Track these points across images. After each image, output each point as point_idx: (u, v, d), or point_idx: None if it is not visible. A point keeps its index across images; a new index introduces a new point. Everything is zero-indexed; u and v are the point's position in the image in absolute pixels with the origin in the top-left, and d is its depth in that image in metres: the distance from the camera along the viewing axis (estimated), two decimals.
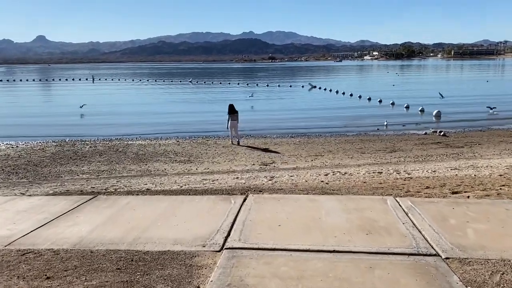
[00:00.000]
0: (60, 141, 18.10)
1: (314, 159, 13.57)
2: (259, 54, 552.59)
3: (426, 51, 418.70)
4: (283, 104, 34.12)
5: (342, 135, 19.07)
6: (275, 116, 26.02)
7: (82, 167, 12.73)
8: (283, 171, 11.20)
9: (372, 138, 18.09)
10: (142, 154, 14.75)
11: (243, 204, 5.93)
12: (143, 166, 12.76)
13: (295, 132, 20.02)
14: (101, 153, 15.12)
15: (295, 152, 14.88)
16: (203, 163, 13.18)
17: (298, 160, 13.56)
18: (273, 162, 13.14)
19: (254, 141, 17.64)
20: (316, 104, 33.37)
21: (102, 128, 22.17)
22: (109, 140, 18.27)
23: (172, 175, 11.04)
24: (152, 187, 9.04)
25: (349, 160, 13.29)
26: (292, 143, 17.00)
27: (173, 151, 15.30)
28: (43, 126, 23.40)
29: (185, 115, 27.51)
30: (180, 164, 13.05)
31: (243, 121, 23.32)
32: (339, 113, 27.53)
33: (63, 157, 14.32)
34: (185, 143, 17.10)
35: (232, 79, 76.34)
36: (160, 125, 23.03)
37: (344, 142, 16.92)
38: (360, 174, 10.26)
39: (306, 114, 27.17)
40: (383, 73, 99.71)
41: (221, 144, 16.80)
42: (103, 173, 11.87)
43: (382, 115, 25.56)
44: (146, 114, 28.28)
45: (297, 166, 12.40)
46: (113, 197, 6.41)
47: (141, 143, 17.37)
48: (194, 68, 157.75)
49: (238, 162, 13.26)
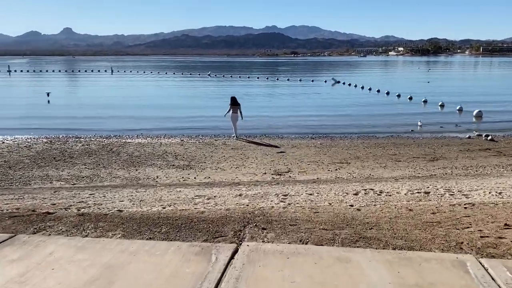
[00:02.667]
0: (52, 137, 16.22)
1: (339, 168, 11.18)
2: (281, 48, 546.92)
3: (453, 48, 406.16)
4: (304, 100, 31.61)
5: (371, 137, 16.55)
6: (294, 114, 23.62)
7: (62, 171, 10.71)
8: (300, 185, 8.88)
9: (406, 141, 15.53)
10: (136, 156, 12.66)
11: (230, 263, 3.66)
12: (132, 172, 10.64)
13: (316, 132, 17.61)
14: (91, 153, 13.12)
15: (315, 158, 12.52)
16: (204, 170, 10.97)
17: (319, 168, 11.20)
18: (289, 171, 10.82)
19: (268, 142, 15.35)
20: (340, 101, 30.74)
21: (104, 123, 20.25)
22: (106, 137, 16.29)
23: (161, 187, 8.87)
24: (126, 207, 6.87)
25: (382, 171, 10.84)
26: (312, 145, 14.63)
27: (173, 153, 13.15)
28: (42, 118, 21.65)
29: (196, 110, 25.36)
30: (177, 171, 10.88)
31: (258, 118, 21.14)
32: (366, 111, 24.89)
33: (46, 158, 12.36)
34: (189, 143, 14.93)
35: (252, 73, 73.96)
36: (167, 120, 20.95)
37: (373, 146, 14.44)
38: (401, 194, 7.85)
39: (328, 111, 24.64)
40: (411, 69, 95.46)
41: (230, 145, 14.56)
42: (82, 180, 9.81)
43: (415, 114, 22.84)
44: (154, 108, 26.29)
45: (318, 177, 10.05)
46: (36, 240, 4.27)
47: (140, 141, 15.31)
48: (215, 62, 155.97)
49: (246, 170, 11.00)
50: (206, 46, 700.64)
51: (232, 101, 16.57)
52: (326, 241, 4.71)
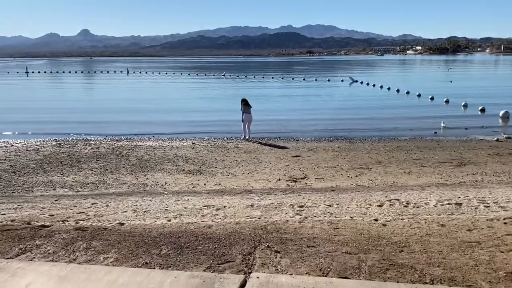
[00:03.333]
0: (62, 139, 15.87)
1: (360, 174, 10.44)
2: (297, 48, 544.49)
3: (473, 46, 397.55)
4: (320, 100, 30.80)
5: (393, 139, 15.72)
6: (310, 115, 22.85)
7: (67, 177, 10.25)
8: (318, 193, 8.20)
9: (430, 144, 14.66)
10: (146, 160, 12.14)
11: None
12: (140, 178, 10.11)
13: (334, 135, 16.85)
14: (100, 156, 12.66)
15: (333, 162, 11.80)
16: (215, 175, 10.37)
17: (337, 174, 10.48)
18: (305, 177, 10.14)
19: (283, 145, 14.68)
20: (358, 101, 29.83)
21: (116, 125, 19.87)
22: (117, 139, 15.86)
23: (169, 195, 8.29)
24: (128, 220, 6.31)
25: (406, 178, 10.07)
26: (330, 148, 13.90)
27: (184, 157, 12.60)
28: (54, 123, 21.39)
29: (209, 112, 24.85)
30: (186, 176, 10.31)
31: (273, 120, 20.48)
32: (386, 111, 23.98)
33: (53, 162, 11.93)
34: (201, 146, 14.37)
35: (267, 73, 73.27)
36: (179, 123, 20.43)
37: (396, 150, 13.63)
38: (430, 205, 7.09)
39: (346, 112, 23.82)
40: (431, 68, 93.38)
41: (242, 149, 13.93)
42: (87, 187, 9.31)
43: (437, 115, 21.87)
44: (167, 110, 25.86)
45: (336, 185, 9.34)
46: (15, 267, 3.69)
47: (151, 144, 14.81)
48: (230, 62, 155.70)
49: (259, 175, 10.36)
50: (222, 46, 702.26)
51: (245, 102, 16.06)
52: (350, 270, 4.04)
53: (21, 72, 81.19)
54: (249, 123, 15.88)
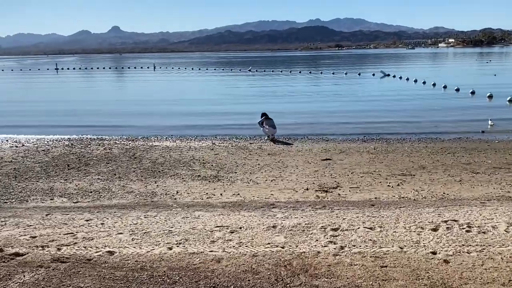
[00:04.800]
0: (76, 138, 15.01)
1: (401, 183, 8.95)
2: (325, 42, 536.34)
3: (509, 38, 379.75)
4: (351, 95, 29.04)
5: (434, 140, 14.04)
6: (341, 111, 21.24)
7: (70, 183, 9.23)
8: (354, 209, 6.80)
9: (479, 145, 12.92)
10: (160, 163, 11.02)
11: None
12: (149, 185, 8.97)
13: (368, 133, 15.31)
14: (111, 159, 11.64)
15: (370, 167, 10.32)
16: (234, 183, 9.12)
17: (375, 182, 9.02)
18: (337, 186, 8.73)
19: (311, 146, 13.28)
20: (392, 96, 27.91)
21: (135, 122, 18.96)
22: (133, 139, 14.85)
23: (178, 209, 7.09)
24: (120, 246, 5.14)
25: (458, 187, 8.50)
26: (364, 150, 12.40)
27: (201, 160, 11.40)
28: (72, 118, 20.70)
29: (232, 108, 23.64)
30: (202, 184, 9.10)
31: (300, 117, 19.06)
32: (423, 107, 22.10)
33: (60, 165, 10.98)
34: (221, 147, 13.14)
35: (295, 67, 71.50)
36: (199, 121, 19.29)
37: (440, 152, 11.99)
38: (500, 230, 5.59)
39: (380, 109, 22.06)
40: (467, 61, 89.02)
41: (266, 150, 12.61)
42: (88, 196, 8.24)
43: (482, 112, 19.88)
44: (187, 107, 24.80)
45: (375, 197, 7.90)
46: None
47: (168, 145, 13.72)
48: (257, 57, 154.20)
49: (284, 183, 9.02)
50: (249, 41, 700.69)
51: (265, 116, 14.82)
52: None
53: (51, 69, 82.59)
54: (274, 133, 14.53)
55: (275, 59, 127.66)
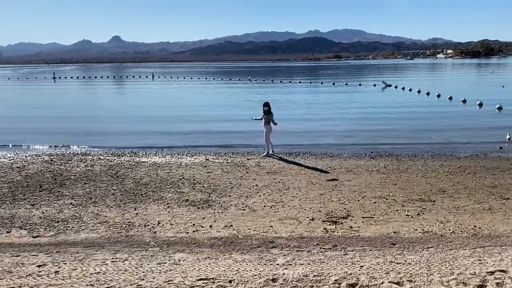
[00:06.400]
0: (57, 154, 13.73)
1: (422, 211, 7.67)
2: (324, 52, 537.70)
3: (507, 49, 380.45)
4: (354, 107, 27.76)
5: (449, 156, 12.78)
6: (345, 125, 19.98)
7: (37, 210, 7.95)
8: (372, 250, 5.53)
9: (500, 164, 11.66)
10: (144, 184, 9.74)
11: None
12: (128, 213, 7.68)
13: (376, 149, 14.08)
14: (90, 178, 10.35)
15: (382, 190, 9.05)
16: (227, 210, 7.84)
17: (391, 210, 7.74)
18: (348, 215, 7.45)
19: (315, 162, 12.03)
20: (395, 107, 26.73)
21: (125, 135, 17.70)
22: (119, 153, 13.59)
23: (155, 249, 5.81)
24: None
25: (490, 218, 7.23)
26: (374, 168, 11.13)
27: (191, 179, 10.13)
28: (61, 132, 19.41)
29: (228, 119, 22.39)
30: (189, 210, 7.82)
31: (301, 130, 17.80)
32: (431, 120, 20.86)
33: (31, 185, 9.70)
34: (215, 164, 11.87)
35: (295, 77, 70.51)
36: (194, 133, 18.01)
37: (458, 171, 10.72)
38: None
39: (385, 121, 20.82)
40: (469, 71, 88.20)
41: (265, 168, 11.34)
42: (53, 228, 6.95)
43: (494, 125, 18.71)
44: (182, 118, 23.50)
45: (395, 231, 6.62)
46: None
47: (156, 160, 12.44)
48: (256, 67, 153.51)
49: (285, 210, 7.75)
50: (249, 52, 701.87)
51: (268, 107, 13.01)
52: None
53: (49, 78, 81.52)
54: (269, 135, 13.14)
55: (274, 69, 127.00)
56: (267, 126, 12.99)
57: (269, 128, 13.03)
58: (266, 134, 13.00)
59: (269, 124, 13.00)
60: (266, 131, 13.00)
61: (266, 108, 12.99)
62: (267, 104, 13.05)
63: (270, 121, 13.00)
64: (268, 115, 12.97)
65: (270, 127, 13.06)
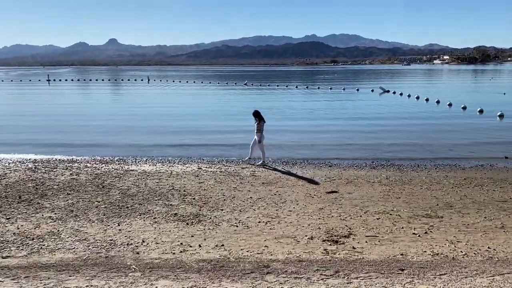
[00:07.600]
0: (42, 160, 13.07)
1: (429, 229, 7.09)
2: (321, 57, 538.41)
3: (503, 55, 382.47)
4: (353, 113, 27.20)
5: (453, 167, 12.24)
6: (343, 132, 19.40)
7: (12, 224, 7.31)
8: (378, 277, 4.95)
9: (507, 175, 11.14)
10: (131, 195, 9.12)
11: None
12: (110, 229, 7.06)
13: (376, 158, 13.52)
14: (74, 188, 9.72)
15: (386, 204, 8.47)
16: (218, 226, 7.22)
17: (396, 227, 7.16)
18: (350, 233, 6.86)
19: (313, 172, 11.45)
20: (395, 114, 26.23)
21: (114, 140, 17.06)
22: (107, 161, 12.95)
23: (137, 273, 5.19)
24: None
25: (504, 238, 6.67)
26: (376, 180, 10.55)
27: (182, 190, 9.52)
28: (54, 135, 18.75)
29: (223, 125, 21.78)
30: (177, 227, 7.20)
31: (298, 138, 17.21)
32: (432, 128, 20.37)
33: (10, 196, 9.05)
34: (208, 173, 11.26)
35: (291, 82, 70.07)
36: (185, 140, 17.40)
37: (464, 184, 10.17)
38: None
39: (385, 128, 20.25)
40: (466, 77, 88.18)
41: (260, 178, 10.74)
42: (26, 246, 6.31)
43: (496, 133, 18.23)
44: (175, 123, 22.90)
45: (402, 252, 6.04)
46: None
47: (145, 169, 11.81)
48: (253, 71, 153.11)
49: (282, 228, 7.14)
50: (245, 56, 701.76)
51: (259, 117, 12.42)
52: None
53: (43, 80, 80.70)
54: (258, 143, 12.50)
55: (271, 73, 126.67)
56: (258, 134, 12.37)
57: (260, 136, 12.37)
58: (256, 141, 12.37)
59: (260, 132, 12.36)
60: (256, 139, 12.37)
61: (256, 118, 12.44)
62: (257, 114, 12.48)
63: (261, 129, 12.38)
64: (259, 123, 12.37)
65: (262, 135, 12.44)
